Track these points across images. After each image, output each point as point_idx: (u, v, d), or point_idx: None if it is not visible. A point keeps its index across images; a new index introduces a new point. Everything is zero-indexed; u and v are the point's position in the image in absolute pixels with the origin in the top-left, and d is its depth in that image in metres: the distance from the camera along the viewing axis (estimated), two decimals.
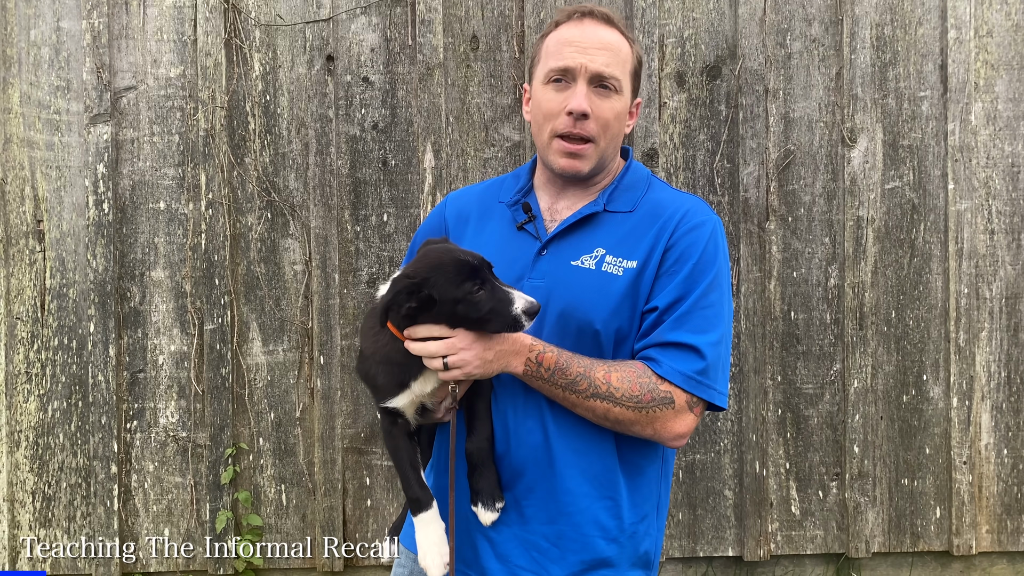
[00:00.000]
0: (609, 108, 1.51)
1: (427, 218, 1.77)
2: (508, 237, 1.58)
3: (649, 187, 1.60)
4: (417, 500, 1.47)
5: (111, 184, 2.76)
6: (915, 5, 2.89)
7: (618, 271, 1.49)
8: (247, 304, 2.82)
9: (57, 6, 2.77)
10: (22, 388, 2.78)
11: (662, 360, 1.45)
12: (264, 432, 2.83)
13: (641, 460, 1.54)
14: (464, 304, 1.37)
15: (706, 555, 2.89)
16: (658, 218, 1.52)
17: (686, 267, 1.48)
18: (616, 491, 1.50)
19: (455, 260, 1.40)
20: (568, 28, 1.54)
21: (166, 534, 2.81)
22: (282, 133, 2.82)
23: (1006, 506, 2.93)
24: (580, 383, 1.43)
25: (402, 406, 1.48)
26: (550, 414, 1.49)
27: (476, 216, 1.65)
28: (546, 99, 1.53)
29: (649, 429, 1.46)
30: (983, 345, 2.91)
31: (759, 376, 2.85)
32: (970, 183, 2.89)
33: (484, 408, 1.51)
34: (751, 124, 2.85)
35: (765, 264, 2.86)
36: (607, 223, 1.54)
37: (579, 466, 1.49)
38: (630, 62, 1.55)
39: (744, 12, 2.84)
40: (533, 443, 1.49)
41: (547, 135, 1.53)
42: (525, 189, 1.63)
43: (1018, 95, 2.90)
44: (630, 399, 1.43)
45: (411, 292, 1.38)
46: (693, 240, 1.49)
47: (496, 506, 1.47)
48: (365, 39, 2.83)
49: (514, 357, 1.43)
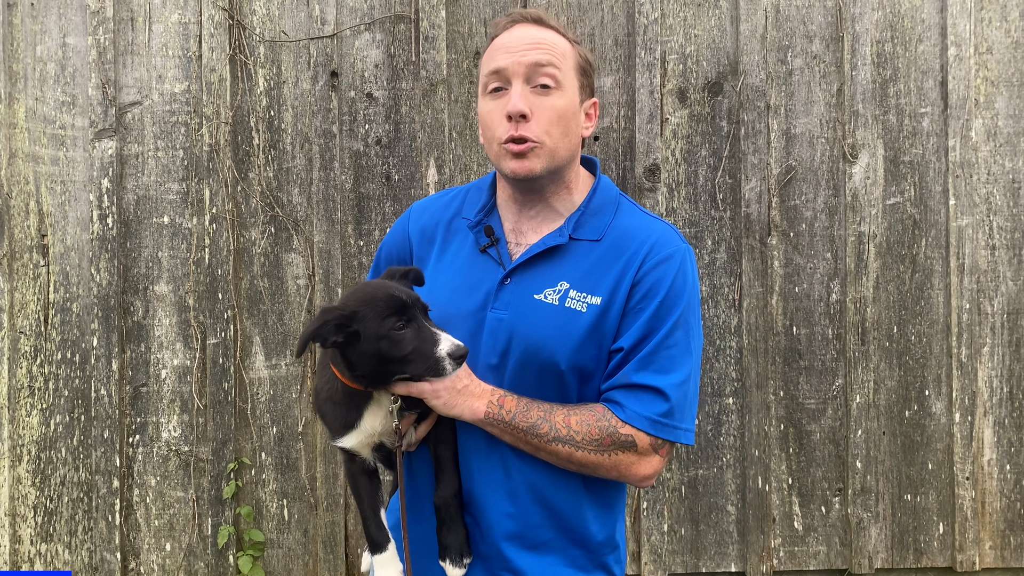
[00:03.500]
0: (550, 105, 1.43)
1: (391, 230, 1.70)
2: (471, 260, 1.53)
3: (617, 210, 1.53)
4: (374, 542, 1.46)
5: (115, 199, 2.77)
6: (915, 22, 2.91)
7: (582, 307, 1.43)
8: (250, 318, 2.83)
9: (63, 22, 2.79)
10: (25, 402, 2.78)
11: (625, 404, 1.42)
12: (266, 447, 2.83)
13: (613, 494, 1.54)
14: (387, 341, 1.33)
15: (709, 571, 2.88)
16: (625, 250, 1.46)
17: (652, 304, 1.43)
18: (584, 521, 1.49)
19: (387, 295, 1.35)
20: (502, 36, 1.48)
21: (168, 549, 2.80)
22: (286, 148, 2.84)
23: (1009, 522, 2.92)
24: (541, 426, 1.40)
25: (353, 446, 1.44)
26: (512, 454, 1.46)
27: (441, 234, 1.60)
28: (486, 109, 1.48)
29: (614, 472, 1.43)
30: (985, 360, 2.91)
31: (761, 391, 2.85)
32: (971, 199, 2.90)
33: (449, 457, 1.47)
34: (753, 140, 2.86)
35: (767, 279, 2.87)
36: (572, 253, 1.48)
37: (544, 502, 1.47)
38: (570, 57, 1.47)
39: (745, 29, 2.86)
40: (496, 479, 1.47)
41: (496, 145, 1.46)
42: (488, 207, 1.56)
43: (1018, 111, 2.92)
44: (590, 443, 1.40)
45: (339, 326, 1.33)
46: (660, 275, 1.44)
47: (464, 562, 1.45)
48: (369, 55, 2.85)
49: (477, 399, 1.40)
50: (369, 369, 1.37)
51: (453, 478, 1.47)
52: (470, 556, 1.46)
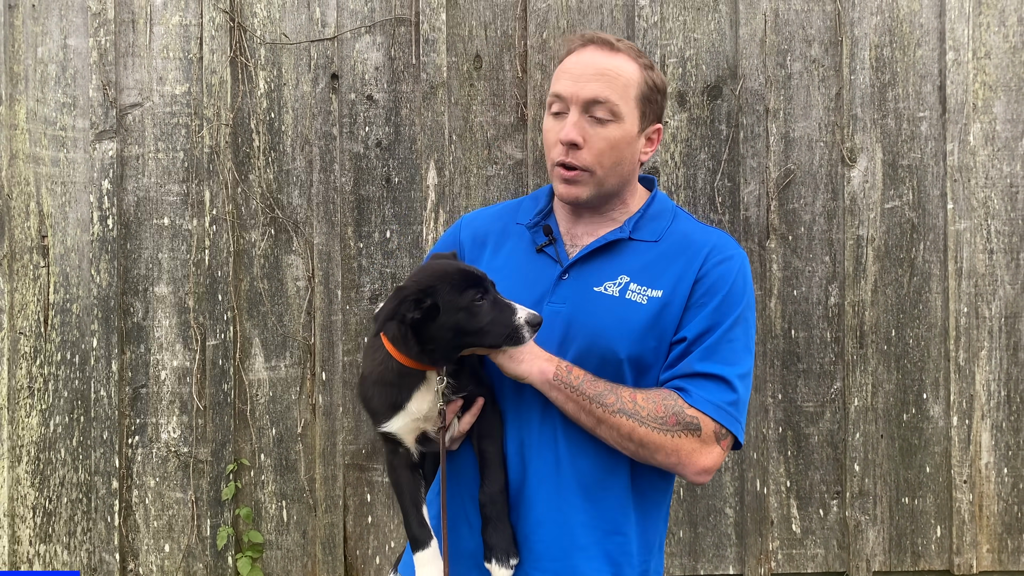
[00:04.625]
0: (604, 137, 1.48)
1: (440, 238, 1.76)
2: (527, 259, 1.57)
3: (675, 218, 1.59)
4: (415, 539, 1.44)
5: (116, 200, 2.78)
6: (913, 27, 2.92)
7: (642, 299, 1.47)
8: (250, 320, 2.83)
9: (64, 24, 2.80)
10: (24, 403, 2.79)
11: (692, 390, 1.44)
12: (266, 448, 2.83)
13: (655, 494, 1.53)
14: (467, 312, 1.35)
15: (707, 573, 2.89)
16: (686, 250, 1.51)
17: (715, 299, 1.47)
18: (627, 527, 1.48)
19: (459, 270, 1.39)
20: (572, 56, 1.53)
21: (167, 550, 2.81)
22: (286, 150, 2.84)
23: (1007, 525, 2.93)
24: (607, 396, 1.41)
25: (398, 430, 1.44)
26: (564, 446, 1.47)
27: (494, 238, 1.64)
28: (546, 128, 1.55)
29: (674, 458, 1.42)
30: (983, 364, 2.92)
31: (760, 394, 2.86)
32: (969, 203, 2.91)
33: (495, 452, 1.46)
34: (751, 143, 2.87)
35: (766, 282, 2.87)
36: (631, 251, 1.53)
37: (591, 500, 1.46)
38: (634, 86, 1.50)
39: (745, 33, 2.87)
40: (545, 476, 1.47)
41: (550, 164, 1.54)
42: (545, 211, 1.62)
43: (1016, 116, 2.93)
44: (655, 419, 1.41)
45: (417, 301, 1.35)
46: (722, 273, 1.49)
47: (511, 563, 1.43)
48: (369, 58, 2.86)
49: (546, 362, 1.42)
50: (444, 342, 1.38)
51: (499, 474, 1.45)
52: (517, 557, 1.45)
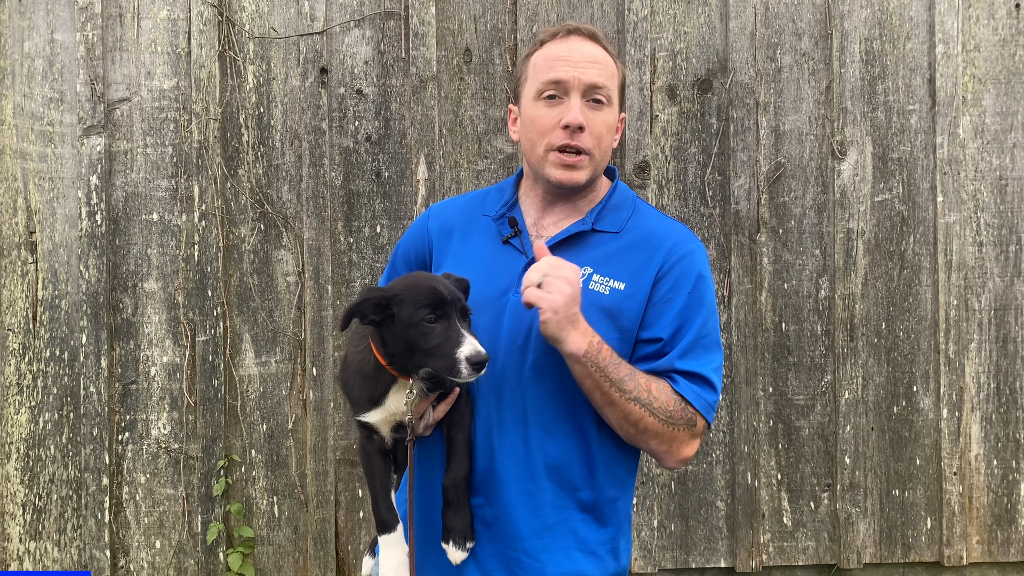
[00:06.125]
0: (602, 121, 1.54)
1: (409, 229, 1.78)
2: (493, 251, 1.60)
3: (635, 209, 1.62)
4: (382, 522, 1.48)
5: (104, 195, 2.77)
6: (903, 20, 2.92)
7: (605, 290, 1.51)
8: (240, 315, 2.82)
9: (51, 18, 2.78)
10: (13, 400, 2.77)
11: (684, 386, 1.49)
12: (256, 444, 2.83)
13: (622, 474, 1.57)
14: (415, 330, 1.38)
15: (698, 566, 2.89)
16: (646, 244, 1.55)
17: (682, 295, 1.51)
18: (596, 506, 1.52)
19: (429, 288, 1.41)
20: (556, 45, 1.56)
21: (157, 546, 2.80)
22: (275, 145, 2.83)
23: (996, 516, 2.94)
24: (627, 383, 1.44)
25: (375, 422, 1.48)
26: (534, 428, 1.50)
27: (460, 229, 1.66)
28: (538, 115, 1.54)
29: (665, 446, 1.49)
30: (972, 356, 2.93)
31: (750, 387, 2.87)
32: (959, 196, 2.91)
33: (462, 441, 1.50)
34: (742, 137, 2.87)
35: (756, 276, 2.88)
36: (594, 242, 1.56)
37: (560, 481, 1.50)
38: (617, 76, 1.58)
39: (735, 26, 2.87)
40: (515, 458, 1.50)
41: (542, 150, 1.54)
42: (510, 202, 1.64)
43: (1005, 109, 2.93)
44: (664, 412, 1.46)
45: (378, 305, 1.40)
46: (685, 269, 1.52)
47: (467, 546, 1.47)
48: (359, 52, 2.85)
49: (582, 335, 1.42)
50: (400, 354, 1.42)
51: (464, 461, 1.49)
52: (473, 540, 1.48)
